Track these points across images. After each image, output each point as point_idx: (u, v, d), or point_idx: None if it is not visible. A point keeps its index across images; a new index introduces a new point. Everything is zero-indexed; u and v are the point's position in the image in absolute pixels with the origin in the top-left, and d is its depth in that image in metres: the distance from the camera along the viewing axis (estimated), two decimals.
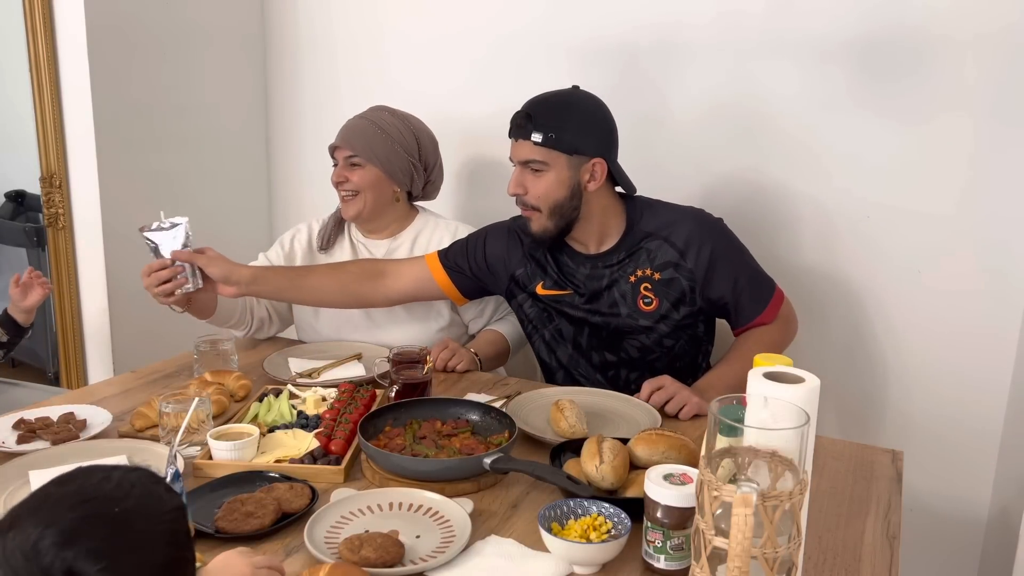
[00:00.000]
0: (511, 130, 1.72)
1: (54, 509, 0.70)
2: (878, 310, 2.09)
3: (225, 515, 1.17)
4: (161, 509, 0.75)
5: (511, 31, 2.35)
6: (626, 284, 1.76)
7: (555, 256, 1.83)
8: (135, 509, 0.72)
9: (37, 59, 2.19)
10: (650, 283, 1.75)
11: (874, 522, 1.27)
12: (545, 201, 1.70)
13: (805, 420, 0.90)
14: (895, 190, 2.02)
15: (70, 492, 0.72)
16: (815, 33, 2.02)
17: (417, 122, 2.02)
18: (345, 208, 1.99)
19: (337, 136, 1.97)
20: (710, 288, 1.74)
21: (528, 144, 1.68)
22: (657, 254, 1.74)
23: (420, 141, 1.99)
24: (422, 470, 1.30)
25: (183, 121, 2.48)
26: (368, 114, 1.98)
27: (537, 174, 1.69)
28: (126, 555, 0.70)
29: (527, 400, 1.65)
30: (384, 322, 1.99)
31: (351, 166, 1.94)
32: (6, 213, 3.14)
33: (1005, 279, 1.95)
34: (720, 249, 1.74)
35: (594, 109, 1.72)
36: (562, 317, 1.84)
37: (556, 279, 1.82)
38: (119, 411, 1.58)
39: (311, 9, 2.62)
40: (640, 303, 1.75)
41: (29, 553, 0.67)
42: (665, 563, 1.09)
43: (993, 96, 1.90)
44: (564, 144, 1.66)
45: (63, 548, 0.68)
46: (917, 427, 2.09)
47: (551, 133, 1.65)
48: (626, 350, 1.80)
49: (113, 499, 0.72)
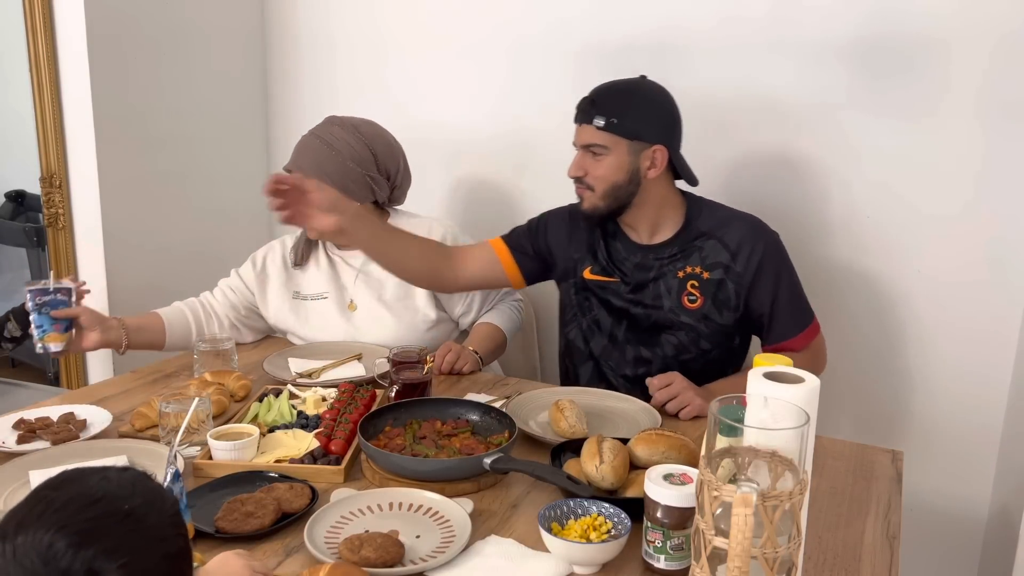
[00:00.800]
0: (576, 115, 1.75)
1: (63, 512, 0.71)
2: (878, 309, 2.09)
3: (225, 515, 1.17)
4: (164, 503, 0.77)
5: (512, 32, 2.35)
6: (674, 279, 1.76)
7: (607, 242, 1.83)
8: (143, 505, 0.74)
9: (37, 59, 2.19)
10: (698, 281, 1.75)
11: (874, 522, 1.27)
12: (602, 183, 1.72)
13: (805, 420, 0.90)
14: (895, 189, 2.02)
15: (75, 494, 0.73)
16: (817, 34, 2.01)
17: (370, 130, 1.96)
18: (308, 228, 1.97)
19: (290, 157, 1.94)
20: (752, 296, 1.74)
21: (590, 128, 1.70)
22: (709, 253, 1.75)
23: (375, 151, 1.93)
24: (422, 470, 1.30)
25: (183, 121, 2.48)
26: (318, 130, 1.94)
27: (597, 157, 1.71)
28: (142, 550, 0.72)
29: (527, 400, 1.65)
30: (369, 326, 1.96)
31: None
32: (6, 213, 3.14)
33: (1005, 278, 1.95)
34: (769, 259, 1.74)
35: (659, 97, 1.74)
36: (603, 307, 1.83)
37: (604, 266, 1.83)
38: (119, 411, 1.58)
39: (311, 9, 2.62)
40: (685, 299, 1.75)
41: (45, 556, 0.68)
42: (665, 563, 1.09)
43: (996, 93, 1.89)
44: (625, 129, 1.68)
45: (80, 549, 0.69)
46: (917, 427, 2.09)
47: (613, 118, 1.67)
48: (662, 346, 1.79)
49: (120, 497, 0.74)
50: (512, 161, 2.42)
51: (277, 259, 2.04)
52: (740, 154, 2.15)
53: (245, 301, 2.01)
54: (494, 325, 1.99)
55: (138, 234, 2.37)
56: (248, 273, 2.02)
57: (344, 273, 2.01)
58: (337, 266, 2.03)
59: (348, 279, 2.01)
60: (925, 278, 2.03)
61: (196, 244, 2.55)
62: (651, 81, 1.76)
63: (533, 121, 2.36)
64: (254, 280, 2.01)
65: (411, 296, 1.97)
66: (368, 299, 1.98)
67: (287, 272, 2.03)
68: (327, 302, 1.99)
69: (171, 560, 0.75)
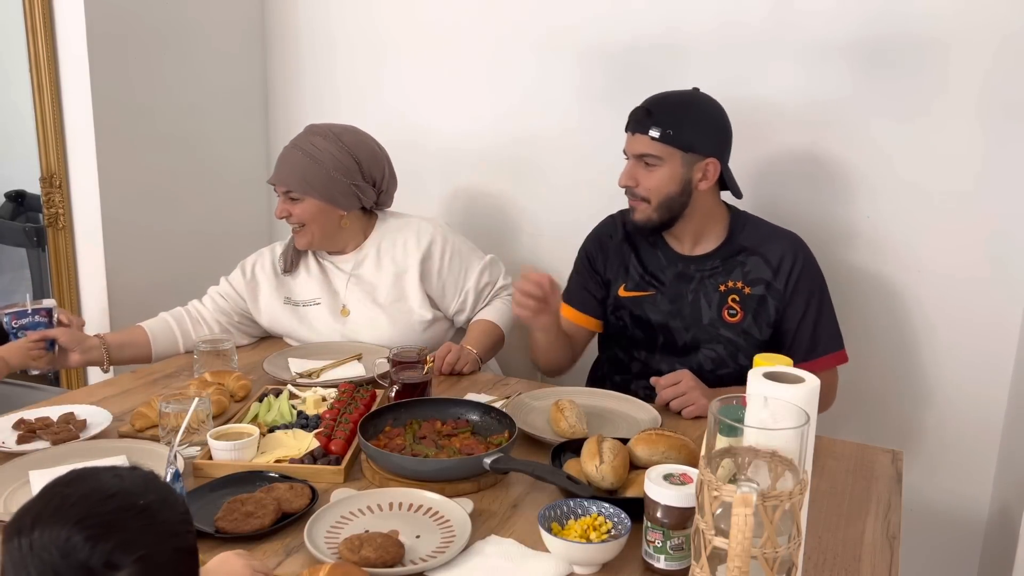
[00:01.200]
0: (629, 124, 1.74)
1: (79, 506, 0.72)
2: (878, 308, 2.09)
3: (225, 515, 1.17)
4: (176, 500, 0.79)
5: (513, 32, 2.35)
6: (714, 292, 1.76)
7: (641, 254, 1.83)
8: (157, 501, 0.76)
9: (37, 59, 2.19)
10: (739, 295, 1.75)
11: (874, 522, 1.27)
12: (656, 194, 1.72)
13: (805, 420, 0.90)
14: (895, 188, 2.02)
15: (90, 490, 0.74)
16: (818, 37, 2.01)
17: (353, 138, 1.94)
18: (297, 240, 1.97)
19: (274, 170, 1.94)
20: (785, 312, 1.75)
21: (645, 138, 1.70)
22: (752, 268, 1.75)
23: (359, 159, 1.92)
24: (422, 470, 1.30)
25: (183, 121, 2.48)
26: (300, 142, 1.93)
27: (650, 168, 1.71)
28: (157, 544, 0.74)
29: (527, 400, 1.65)
30: (364, 330, 1.96)
31: (291, 200, 1.91)
32: (6, 213, 3.14)
33: (1006, 277, 1.95)
34: (805, 278, 1.75)
35: (713, 110, 1.75)
36: (637, 325, 1.83)
37: (638, 280, 1.83)
38: (119, 411, 1.58)
39: (311, 9, 2.62)
40: (725, 313, 1.75)
41: (64, 549, 0.70)
42: (665, 563, 1.09)
43: (997, 93, 1.89)
44: (681, 141, 1.68)
45: (99, 542, 0.70)
46: (917, 427, 2.09)
47: (669, 129, 1.68)
48: (700, 360, 1.78)
49: (134, 493, 0.75)
50: (512, 163, 2.42)
51: (267, 265, 2.03)
52: (740, 154, 2.15)
53: (236, 307, 2.01)
54: (491, 322, 1.98)
55: (138, 234, 2.37)
56: (238, 280, 2.02)
57: (336, 278, 2.01)
58: (328, 272, 2.02)
59: (340, 284, 2.00)
60: (925, 277, 2.03)
61: (196, 244, 2.55)
62: (704, 93, 1.77)
63: (534, 124, 2.36)
64: (244, 287, 2.01)
65: (404, 298, 1.96)
66: (361, 303, 1.97)
67: (277, 279, 2.02)
68: (320, 308, 1.99)
69: (183, 555, 0.77)
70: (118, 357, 1.84)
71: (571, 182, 2.34)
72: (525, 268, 1.69)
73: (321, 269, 2.02)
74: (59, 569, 0.70)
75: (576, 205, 2.28)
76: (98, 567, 0.70)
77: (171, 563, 0.75)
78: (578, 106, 2.29)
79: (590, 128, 2.27)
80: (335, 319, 1.98)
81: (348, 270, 2.00)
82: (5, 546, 0.72)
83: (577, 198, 2.31)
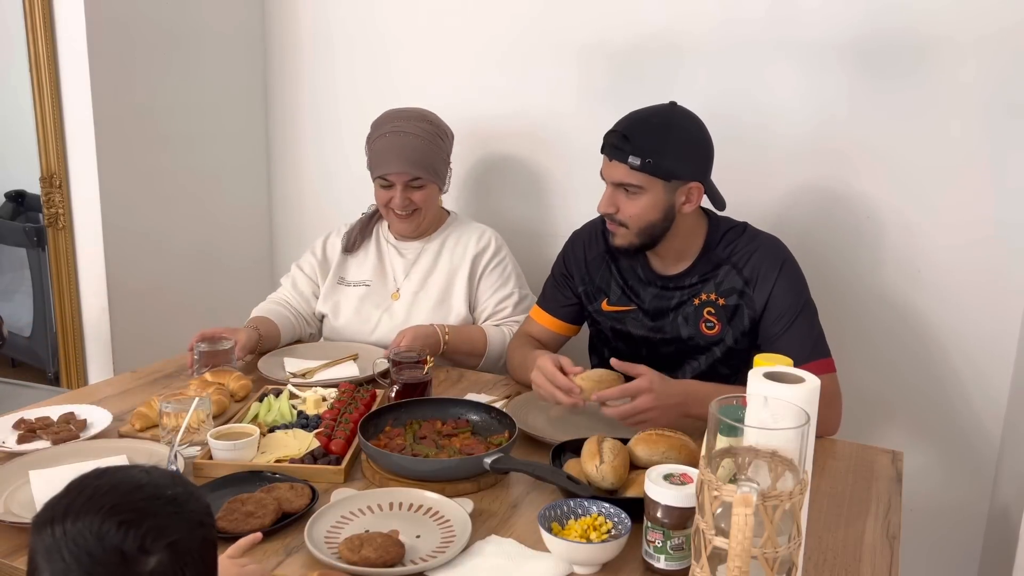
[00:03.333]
0: (605, 148, 1.66)
1: (111, 495, 0.75)
2: (878, 309, 2.09)
3: (225, 515, 1.17)
4: (200, 494, 0.82)
5: (513, 31, 2.35)
6: (691, 307, 1.72)
7: (620, 268, 1.80)
8: (184, 493, 0.79)
9: (37, 59, 2.19)
10: (714, 308, 1.70)
11: (874, 522, 1.27)
12: (637, 221, 1.64)
13: (805, 420, 0.90)
14: (895, 190, 2.02)
15: (119, 481, 0.77)
16: (817, 36, 2.01)
17: (435, 116, 2.01)
18: (402, 226, 2.00)
19: (385, 160, 1.92)
20: (763, 320, 1.68)
21: (624, 167, 1.61)
22: (724, 280, 1.70)
23: (448, 138, 2.00)
24: (422, 470, 1.30)
25: (183, 121, 2.48)
26: (404, 128, 1.92)
27: (631, 196, 1.63)
28: (186, 532, 0.76)
29: (527, 400, 1.65)
30: (403, 316, 1.99)
31: (413, 188, 1.94)
32: (6, 213, 3.14)
33: (1006, 279, 1.95)
34: (783, 286, 1.67)
35: (694, 130, 1.66)
36: (621, 339, 1.81)
37: (620, 295, 1.80)
38: (119, 411, 1.58)
39: (311, 9, 2.62)
40: (703, 326, 1.72)
41: (99, 533, 0.72)
42: (665, 563, 1.09)
43: (997, 94, 1.89)
44: (662, 170, 1.59)
45: (132, 528, 0.73)
46: (917, 427, 2.09)
47: (649, 158, 1.58)
48: (684, 372, 1.76)
49: (162, 485, 0.78)
50: (513, 162, 2.42)
51: (337, 245, 2.08)
52: (738, 154, 2.15)
53: (315, 291, 2.08)
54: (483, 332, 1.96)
55: (138, 234, 2.37)
56: (309, 265, 2.08)
57: (395, 263, 2.05)
58: (387, 256, 2.06)
59: (399, 269, 2.04)
60: (926, 277, 2.03)
61: (196, 244, 2.55)
62: (683, 109, 1.67)
63: (535, 123, 2.36)
64: (316, 267, 2.07)
65: (451, 296, 2.00)
66: (412, 291, 2.01)
67: (340, 258, 2.07)
68: (367, 290, 2.03)
69: (208, 546, 0.80)
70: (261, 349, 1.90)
71: (570, 183, 2.34)
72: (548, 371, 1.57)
73: (379, 254, 2.06)
74: (94, 553, 0.72)
75: (572, 206, 2.29)
76: (132, 551, 0.72)
77: (198, 551, 0.78)
78: (577, 106, 2.29)
79: (590, 128, 2.27)
80: (377, 302, 2.01)
81: (412, 258, 2.04)
82: (36, 535, 0.75)
83: (574, 200, 2.31)
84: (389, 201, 1.96)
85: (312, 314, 2.08)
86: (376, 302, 2.01)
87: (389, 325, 1.99)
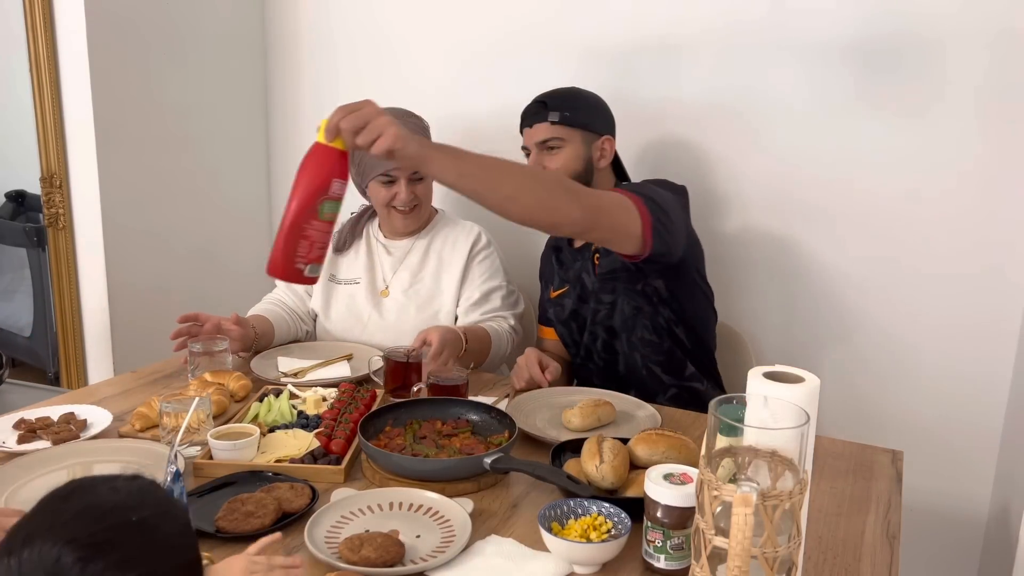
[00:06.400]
0: (524, 119, 1.87)
1: (71, 525, 0.70)
2: (877, 308, 2.09)
3: (225, 515, 1.17)
4: (176, 512, 0.76)
5: (513, 30, 2.35)
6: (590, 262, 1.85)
7: (560, 255, 1.93)
8: (154, 516, 0.73)
9: (37, 59, 2.19)
10: (600, 252, 1.82)
11: (874, 522, 1.27)
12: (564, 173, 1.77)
13: (805, 420, 0.90)
14: (894, 188, 2.02)
15: (84, 507, 0.72)
16: (817, 34, 2.02)
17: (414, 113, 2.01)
18: (406, 222, 2.01)
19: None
20: None
21: (545, 125, 1.82)
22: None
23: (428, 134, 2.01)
24: (422, 470, 1.30)
25: (183, 121, 2.48)
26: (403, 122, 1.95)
27: (554, 152, 1.83)
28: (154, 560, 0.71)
29: (527, 400, 1.65)
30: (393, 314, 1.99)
31: (415, 181, 1.95)
32: (6, 213, 3.14)
33: (1006, 278, 1.95)
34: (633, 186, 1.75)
35: (598, 98, 1.90)
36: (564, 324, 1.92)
37: (560, 278, 1.93)
38: (119, 411, 1.58)
39: (311, 9, 2.62)
40: (596, 271, 1.83)
41: (52, 570, 0.67)
42: (665, 563, 1.09)
43: (995, 93, 1.90)
44: (578, 121, 1.82)
45: (89, 563, 0.68)
46: (917, 427, 2.09)
47: (566, 112, 1.81)
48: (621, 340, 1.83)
49: (130, 508, 0.72)
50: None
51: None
52: (739, 153, 2.15)
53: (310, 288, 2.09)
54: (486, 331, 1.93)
55: (138, 234, 2.37)
56: None
57: (383, 261, 2.06)
58: (377, 253, 2.07)
59: (386, 266, 2.05)
60: (926, 277, 2.03)
61: (196, 244, 2.55)
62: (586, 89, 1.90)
63: None
64: None
65: (440, 293, 2.00)
66: (401, 289, 2.02)
67: (331, 255, 2.07)
68: (357, 287, 2.04)
69: (182, 571, 0.74)
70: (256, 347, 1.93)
71: None
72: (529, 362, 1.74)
73: (369, 252, 2.07)
74: None
75: None
76: None
77: None
78: None
79: None
80: (368, 299, 2.02)
81: (400, 256, 2.04)
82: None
83: None
84: (392, 199, 1.96)
85: (307, 312, 2.10)
86: (366, 299, 2.02)
87: (379, 323, 2.00)
